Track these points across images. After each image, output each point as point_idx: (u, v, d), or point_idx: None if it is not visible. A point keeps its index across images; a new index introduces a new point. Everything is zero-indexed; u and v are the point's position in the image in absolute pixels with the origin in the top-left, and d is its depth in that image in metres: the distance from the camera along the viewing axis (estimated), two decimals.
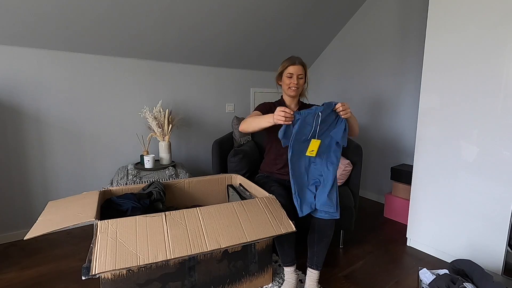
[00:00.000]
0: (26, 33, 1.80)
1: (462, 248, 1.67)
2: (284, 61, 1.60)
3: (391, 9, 2.52)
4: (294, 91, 1.58)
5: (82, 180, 2.21)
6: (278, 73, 1.63)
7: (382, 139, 2.71)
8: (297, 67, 1.56)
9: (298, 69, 1.56)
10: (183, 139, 2.64)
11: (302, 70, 1.57)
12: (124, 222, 1.09)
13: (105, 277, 1.12)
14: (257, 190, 1.52)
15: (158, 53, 2.35)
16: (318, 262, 1.40)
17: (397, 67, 2.52)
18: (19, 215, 2.00)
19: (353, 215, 1.78)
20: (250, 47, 2.66)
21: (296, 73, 1.56)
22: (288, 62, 1.57)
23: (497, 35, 1.45)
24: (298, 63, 1.57)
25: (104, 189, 1.50)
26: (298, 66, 1.56)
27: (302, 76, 1.58)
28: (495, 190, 1.51)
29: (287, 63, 1.57)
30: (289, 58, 1.60)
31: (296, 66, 1.56)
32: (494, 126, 1.49)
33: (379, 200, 2.78)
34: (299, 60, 1.58)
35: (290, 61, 1.57)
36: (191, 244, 1.07)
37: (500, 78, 1.45)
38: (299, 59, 1.58)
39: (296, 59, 1.58)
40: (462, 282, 1.17)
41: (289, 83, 1.57)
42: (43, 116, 2.01)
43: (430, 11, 1.68)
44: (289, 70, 1.56)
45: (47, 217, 1.21)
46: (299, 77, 1.57)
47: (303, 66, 1.58)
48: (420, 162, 1.82)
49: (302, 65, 1.58)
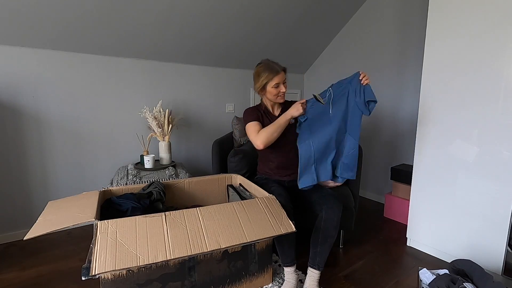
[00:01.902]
0: (26, 33, 1.80)
1: (462, 248, 1.67)
2: (263, 72, 1.51)
3: (391, 9, 2.52)
4: (282, 98, 1.57)
5: (82, 180, 2.21)
6: (261, 86, 1.53)
7: (382, 139, 2.71)
8: (281, 75, 1.50)
9: (282, 77, 1.51)
10: (183, 139, 2.64)
11: (284, 74, 1.52)
12: (124, 222, 1.09)
13: (105, 278, 1.12)
14: (257, 190, 1.52)
15: (158, 53, 2.35)
16: (320, 262, 1.40)
17: (397, 67, 2.52)
18: (19, 215, 2.00)
19: (353, 215, 1.78)
20: (250, 47, 2.66)
21: (281, 81, 1.51)
22: (271, 73, 1.49)
23: (497, 35, 1.44)
24: (281, 70, 1.50)
25: (104, 189, 1.50)
26: (281, 74, 1.50)
27: (286, 79, 1.54)
28: (495, 190, 1.51)
29: (271, 74, 1.49)
30: (268, 67, 1.51)
31: (280, 75, 1.50)
32: (494, 126, 1.49)
33: (379, 200, 2.78)
34: (280, 67, 1.52)
35: (272, 72, 1.49)
36: (191, 244, 1.07)
37: (500, 78, 1.45)
38: (279, 66, 1.52)
39: (277, 68, 1.51)
40: (462, 282, 1.17)
41: (277, 92, 1.52)
42: (43, 116, 2.01)
43: (430, 11, 1.68)
44: (274, 81, 1.49)
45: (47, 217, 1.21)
46: (284, 84, 1.53)
47: (284, 71, 1.52)
48: (420, 162, 1.82)
49: (284, 70, 1.53)
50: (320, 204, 1.45)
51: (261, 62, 1.57)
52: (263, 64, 1.54)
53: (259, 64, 1.57)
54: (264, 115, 1.62)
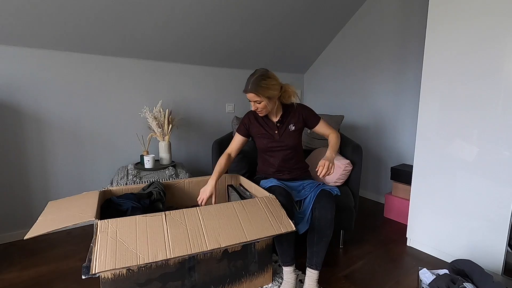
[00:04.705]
0: (26, 33, 1.80)
1: (462, 248, 1.67)
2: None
3: (391, 9, 2.52)
4: (261, 114, 1.56)
5: (82, 180, 2.21)
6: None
7: (382, 139, 2.72)
8: (249, 95, 1.47)
9: (250, 97, 1.47)
10: (183, 139, 2.64)
11: (256, 96, 1.45)
12: (124, 221, 1.09)
13: (105, 277, 1.12)
14: (257, 190, 1.52)
15: (158, 53, 2.35)
16: (318, 262, 1.40)
17: (397, 67, 2.53)
18: (19, 215, 2.00)
19: (353, 215, 1.78)
20: (250, 47, 2.67)
21: (252, 100, 1.49)
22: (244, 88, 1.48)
23: (497, 35, 1.45)
24: (249, 91, 1.45)
25: (104, 189, 1.50)
26: (249, 94, 1.46)
27: (259, 101, 1.47)
28: (495, 190, 1.51)
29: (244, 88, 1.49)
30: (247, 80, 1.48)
31: (248, 94, 1.47)
32: (494, 126, 1.49)
33: (379, 200, 2.78)
34: (252, 86, 1.44)
35: (244, 87, 1.48)
36: (191, 243, 1.07)
37: (500, 78, 1.45)
38: (252, 84, 1.44)
39: (248, 85, 1.45)
40: (462, 282, 1.17)
41: (251, 108, 1.53)
42: (43, 116, 2.01)
43: (430, 11, 1.68)
44: (247, 96, 1.49)
45: (47, 217, 1.21)
46: (256, 102, 1.49)
47: (255, 93, 1.44)
48: (420, 162, 1.82)
49: (254, 91, 1.44)
50: (313, 204, 1.45)
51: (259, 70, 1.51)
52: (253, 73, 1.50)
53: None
54: (263, 118, 1.64)
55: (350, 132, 2.97)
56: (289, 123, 1.61)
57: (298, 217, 1.46)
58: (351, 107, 2.95)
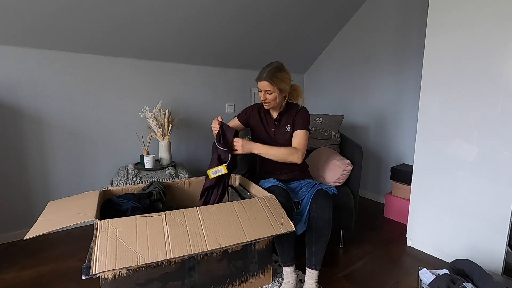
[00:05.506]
0: (26, 33, 1.80)
1: (462, 248, 1.67)
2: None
3: (391, 9, 2.52)
4: (267, 106, 1.55)
5: (82, 180, 2.21)
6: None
7: (382, 139, 2.72)
8: (263, 83, 1.45)
9: (263, 85, 1.46)
10: (183, 139, 2.64)
11: (269, 85, 1.44)
12: (124, 221, 1.09)
13: (105, 277, 1.12)
14: (257, 190, 1.52)
15: (158, 53, 2.35)
16: (317, 262, 1.40)
17: (397, 67, 2.52)
18: (19, 215, 2.00)
19: (353, 215, 1.78)
20: (250, 47, 2.67)
21: (263, 89, 1.47)
22: (257, 76, 1.48)
23: (497, 35, 1.45)
24: (263, 79, 1.44)
25: (104, 189, 1.50)
26: (263, 82, 1.45)
27: (271, 91, 1.46)
28: (495, 190, 1.51)
29: (257, 77, 1.48)
30: (261, 69, 1.48)
31: (262, 82, 1.45)
32: (494, 126, 1.49)
33: (379, 200, 2.78)
34: (267, 75, 1.43)
35: (258, 75, 1.48)
36: (191, 243, 1.07)
37: (500, 78, 1.45)
38: (267, 73, 1.44)
39: (263, 73, 1.45)
40: (462, 282, 1.17)
41: (262, 98, 1.51)
42: (43, 116, 2.01)
43: (430, 10, 1.68)
44: (258, 85, 1.49)
45: (47, 217, 1.21)
46: (267, 92, 1.47)
47: (270, 82, 1.43)
48: (420, 162, 1.82)
49: (269, 80, 1.43)
50: (311, 204, 1.45)
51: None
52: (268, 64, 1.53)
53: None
54: (265, 114, 1.65)
55: (350, 132, 2.97)
56: (286, 123, 1.61)
57: (296, 218, 1.46)
58: (351, 107, 2.95)
